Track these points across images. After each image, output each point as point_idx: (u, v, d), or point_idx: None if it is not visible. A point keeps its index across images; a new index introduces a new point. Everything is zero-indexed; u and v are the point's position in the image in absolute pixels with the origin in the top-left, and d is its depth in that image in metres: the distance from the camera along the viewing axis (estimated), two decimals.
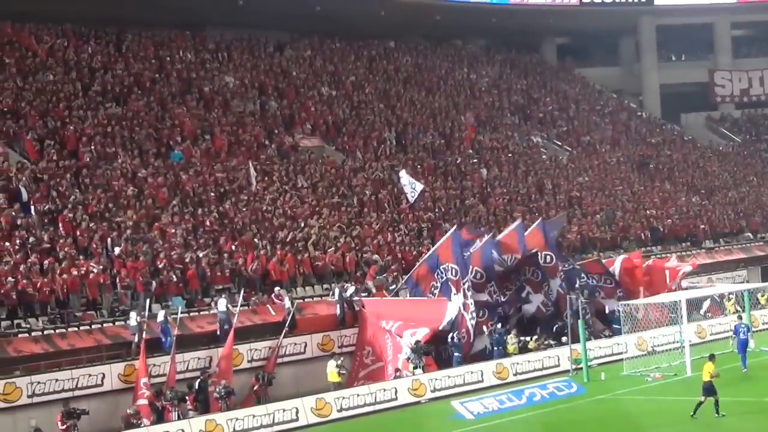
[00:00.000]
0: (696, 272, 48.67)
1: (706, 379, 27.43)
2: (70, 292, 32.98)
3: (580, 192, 58.59)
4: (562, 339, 37.54)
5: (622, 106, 78.66)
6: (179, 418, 29.72)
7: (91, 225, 36.26)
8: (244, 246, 38.97)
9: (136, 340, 32.08)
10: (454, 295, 37.20)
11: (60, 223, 36.01)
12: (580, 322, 36.22)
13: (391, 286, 39.65)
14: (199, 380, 31.58)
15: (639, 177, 65.71)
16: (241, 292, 35.61)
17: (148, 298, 33.90)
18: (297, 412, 30.50)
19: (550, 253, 40.21)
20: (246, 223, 40.95)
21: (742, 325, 35.86)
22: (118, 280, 34.58)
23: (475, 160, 57.24)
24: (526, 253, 39.12)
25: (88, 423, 29.01)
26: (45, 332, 31.73)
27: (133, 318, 32.42)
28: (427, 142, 56.83)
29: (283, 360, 34.67)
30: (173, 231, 37.94)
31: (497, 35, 77.43)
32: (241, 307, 34.72)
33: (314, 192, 46.38)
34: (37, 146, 40.46)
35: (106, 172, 40.29)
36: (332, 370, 34.29)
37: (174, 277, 35.63)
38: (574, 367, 35.85)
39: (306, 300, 38.68)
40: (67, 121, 42.79)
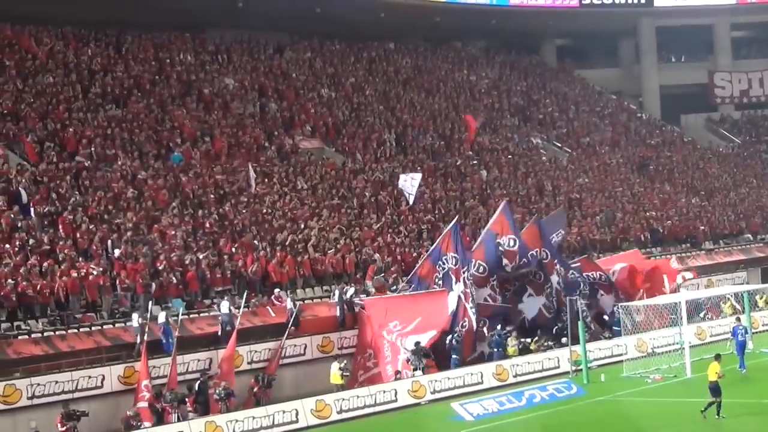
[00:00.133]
0: (695, 269, 48.84)
1: (713, 380, 27.34)
2: (70, 294, 32.97)
3: (580, 193, 58.55)
4: (562, 340, 37.56)
5: (621, 107, 78.55)
6: (179, 420, 29.68)
7: (91, 227, 36.24)
8: (244, 248, 38.95)
9: (138, 342, 32.07)
10: (455, 284, 37.22)
11: (60, 225, 35.99)
12: (580, 323, 36.21)
13: (392, 288, 39.62)
14: (198, 382, 31.56)
15: (639, 178, 65.64)
16: (245, 295, 35.63)
17: (149, 300, 33.86)
18: (297, 414, 30.52)
19: (546, 250, 40.27)
20: (246, 225, 40.94)
21: (741, 327, 35.97)
22: (118, 282, 34.58)
23: (475, 162, 57.22)
24: (523, 246, 39.09)
25: (88, 425, 29.04)
26: (45, 334, 31.70)
27: (136, 320, 32.40)
28: (427, 143, 56.78)
29: (283, 362, 34.67)
30: (173, 233, 37.91)
31: (497, 37, 77.34)
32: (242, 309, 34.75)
33: (314, 194, 46.37)
34: (37, 148, 40.39)
35: (106, 174, 40.28)
36: (335, 373, 34.34)
37: (174, 278, 35.61)
38: (574, 368, 35.87)
39: (306, 302, 38.63)
40: (67, 123, 42.77)
